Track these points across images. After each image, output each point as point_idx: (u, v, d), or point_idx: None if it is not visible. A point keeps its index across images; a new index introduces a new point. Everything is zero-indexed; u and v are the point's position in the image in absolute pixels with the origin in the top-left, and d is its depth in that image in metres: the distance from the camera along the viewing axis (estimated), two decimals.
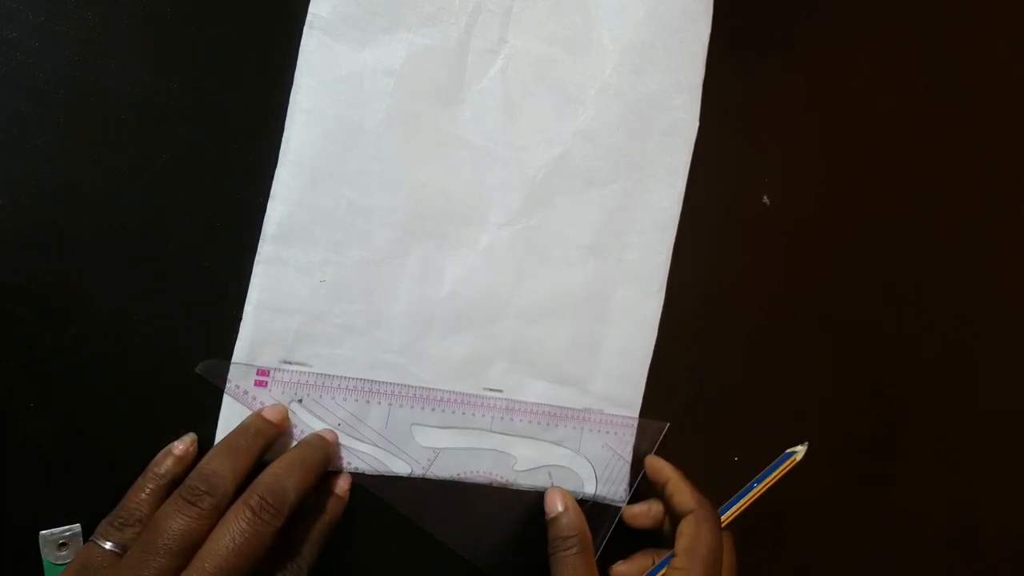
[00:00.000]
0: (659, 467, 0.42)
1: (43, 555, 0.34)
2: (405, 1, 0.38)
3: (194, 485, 0.32)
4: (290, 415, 0.37)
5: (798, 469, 0.42)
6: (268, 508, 0.32)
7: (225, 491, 0.32)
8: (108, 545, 0.32)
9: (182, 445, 0.35)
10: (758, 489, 0.42)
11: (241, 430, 0.35)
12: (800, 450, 0.43)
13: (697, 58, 0.44)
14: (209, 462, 0.33)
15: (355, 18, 0.37)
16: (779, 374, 0.48)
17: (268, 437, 0.35)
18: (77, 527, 0.35)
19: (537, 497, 0.42)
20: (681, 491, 0.40)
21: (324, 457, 0.36)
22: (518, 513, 0.42)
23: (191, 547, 0.31)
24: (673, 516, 0.41)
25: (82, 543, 0.35)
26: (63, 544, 0.35)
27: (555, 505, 0.40)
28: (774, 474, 0.42)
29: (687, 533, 0.38)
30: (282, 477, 0.33)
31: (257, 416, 0.36)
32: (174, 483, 0.34)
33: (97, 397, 0.35)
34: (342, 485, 0.38)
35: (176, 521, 0.31)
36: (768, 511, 0.48)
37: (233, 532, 0.31)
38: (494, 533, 0.42)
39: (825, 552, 0.50)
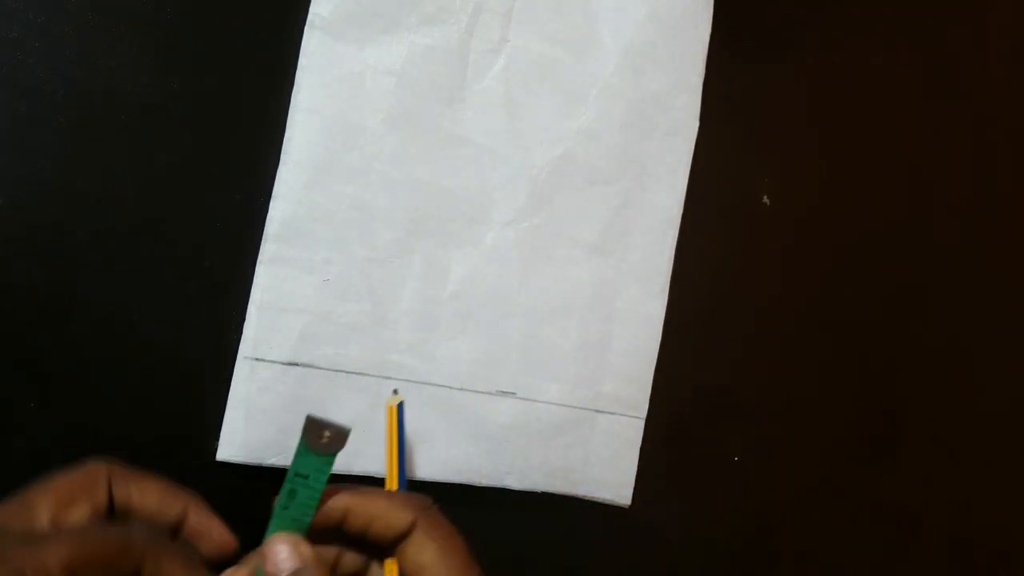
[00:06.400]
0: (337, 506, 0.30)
1: None
2: (406, 1, 0.38)
3: None
4: (295, 417, 0.37)
5: (798, 470, 0.41)
6: None
7: None
8: None
9: None
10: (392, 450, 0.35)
11: None
12: (393, 398, 0.35)
13: (698, 58, 0.44)
14: None
15: (356, 18, 0.37)
16: (779, 374, 0.48)
17: None
18: None
19: (550, 500, 0.42)
20: (380, 507, 0.30)
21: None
22: (532, 516, 0.42)
23: None
24: (381, 543, 0.31)
25: None
26: None
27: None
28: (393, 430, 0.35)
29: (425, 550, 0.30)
30: None
31: None
32: None
33: (98, 397, 0.34)
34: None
35: None
36: (766, 511, 0.48)
37: None
38: (507, 536, 0.42)
39: (823, 551, 0.50)
